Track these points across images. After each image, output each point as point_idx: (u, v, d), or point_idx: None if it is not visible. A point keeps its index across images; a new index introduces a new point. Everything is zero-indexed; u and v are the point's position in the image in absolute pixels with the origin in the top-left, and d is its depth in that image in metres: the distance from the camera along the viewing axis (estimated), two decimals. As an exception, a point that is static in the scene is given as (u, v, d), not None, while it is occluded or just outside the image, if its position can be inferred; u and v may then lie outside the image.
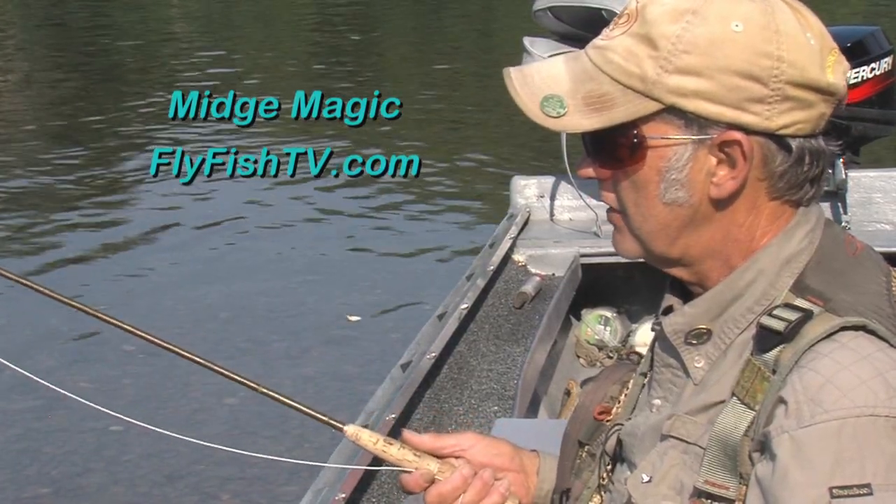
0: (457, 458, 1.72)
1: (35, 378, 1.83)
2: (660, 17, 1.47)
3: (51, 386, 1.84)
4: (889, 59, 4.88)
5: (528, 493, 1.78)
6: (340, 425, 1.72)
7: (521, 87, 1.51)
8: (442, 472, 1.70)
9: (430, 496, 1.70)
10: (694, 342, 1.56)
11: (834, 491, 1.37)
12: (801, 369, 1.43)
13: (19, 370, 1.82)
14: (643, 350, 1.79)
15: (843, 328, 1.44)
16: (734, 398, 1.48)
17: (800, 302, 1.49)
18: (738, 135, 1.48)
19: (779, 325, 1.46)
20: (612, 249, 5.11)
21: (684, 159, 1.50)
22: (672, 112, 1.48)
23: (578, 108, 1.49)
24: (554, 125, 1.49)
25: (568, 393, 4.52)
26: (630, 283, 5.08)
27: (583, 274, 4.95)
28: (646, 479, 1.54)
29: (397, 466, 1.70)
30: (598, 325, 4.97)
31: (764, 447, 1.43)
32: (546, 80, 1.51)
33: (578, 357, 4.90)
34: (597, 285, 5.00)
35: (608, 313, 5.00)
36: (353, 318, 7.28)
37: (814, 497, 1.37)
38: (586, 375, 4.73)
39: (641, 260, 1.64)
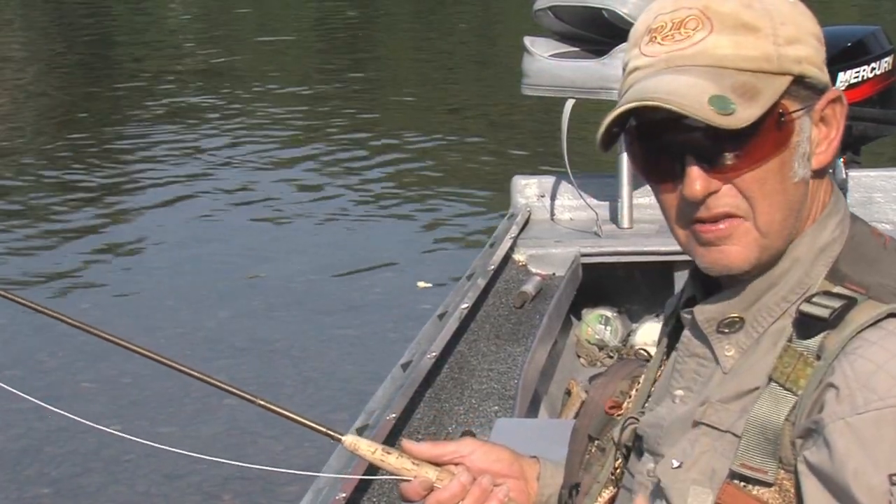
0: (456, 464, 1.72)
1: (16, 392, 1.82)
2: (735, 9, 1.50)
3: (37, 402, 1.84)
4: (889, 59, 4.88)
5: (528, 498, 1.77)
6: (339, 436, 1.71)
7: (680, 98, 1.46)
8: (441, 479, 1.69)
9: None
10: (726, 331, 1.56)
11: (894, 478, 1.38)
12: (849, 356, 1.44)
13: (3, 385, 1.82)
14: (644, 349, 1.79)
15: (890, 315, 1.45)
16: (773, 384, 1.48)
17: (839, 289, 1.50)
18: (839, 91, 1.53)
19: (822, 312, 1.47)
20: (612, 249, 5.12)
21: (807, 129, 1.53)
22: (795, 83, 1.50)
23: (737, 101, 1.46)
24: (730, 122, 1.45)
25: (568, 393, 4.53)
26: (630, 283, 5.08)
27: (583, 273, 4.95)
28: (676, 464, 1.54)
29: (396, 475, 1.69)
30: (598, 324, 4.97)
31: (813, 434, 1.44)
32: (693, 88, 1.47)
33: (579, 357, 4.90)
34: (597, 285, 5.00)
35: (609, 313, 5.00)
36: (423, 285, 7.24)
37: (874, 483, 1.38)
38: (587, 375, 4.73)
39: (646, 260, 1.63)
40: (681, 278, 4.77)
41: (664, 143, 1.51)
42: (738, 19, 1.49)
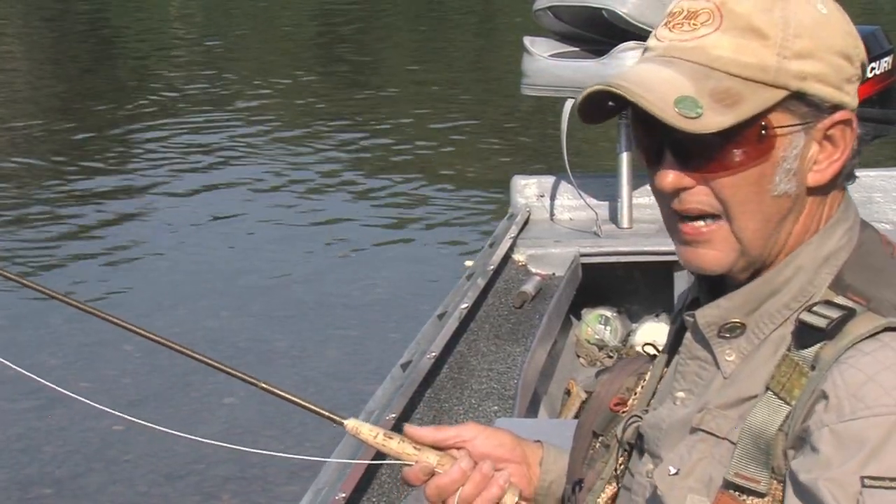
0: (458, 448, 1.72)
1: (37, 378, 1.83)
2: (752, 9, 1.47)
3: (54, 386, 1.84)
4: (889, 59, 4.88)
5: (529, 483, 1.77)
6: (341, 420, 1.72)
7: (646, 93, 1.45)
8: (442, 464, 1.69)
9: (429, 489, 1.69)
10: (727, 335, 1.55)
11: (866, 480, 1.38)
12: (841, 365, 1.43)
13: (21, 370, 1.82)
14: (651, 345, 1.79)
15: (887, 328, 1.44)
16: (769, 392, 1.48)
17: (840, 300, 1.49)
18: (850, 114, 1.50)
19: (820, 322, 1.46)
20: (612, 249, 5.12)
21: (799, 147, 1.49)
22: (794, 98, 1.47)
23: (710, 106, 1.44)
24: (693, 126, 1.43)
25: (568, 392, 4.53)
26: (630, 283, 5.09)
27: (583, 273, 4.95)
28: (673, 471, 1.54)
29: (397, 460, 1.70)
30: (598, 324, 4.97)
31: (802, 443, 1.44)
32: (666, 84, 1.46)
33: (579, 357, 4.90)
34: (597, 285, 5.00)
35: (608, 313, 5.00)
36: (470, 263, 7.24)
37: (846, 483, 1.38)
38: (587, 375, 4.74)
39: (646, 260, 1.63)
40: (680, 278, 4.76)
41: (653, 131, 1.51)
42: (749, 22, 1.47)
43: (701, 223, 1.51)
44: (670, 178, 1.50)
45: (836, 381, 1.42)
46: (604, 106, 1.53)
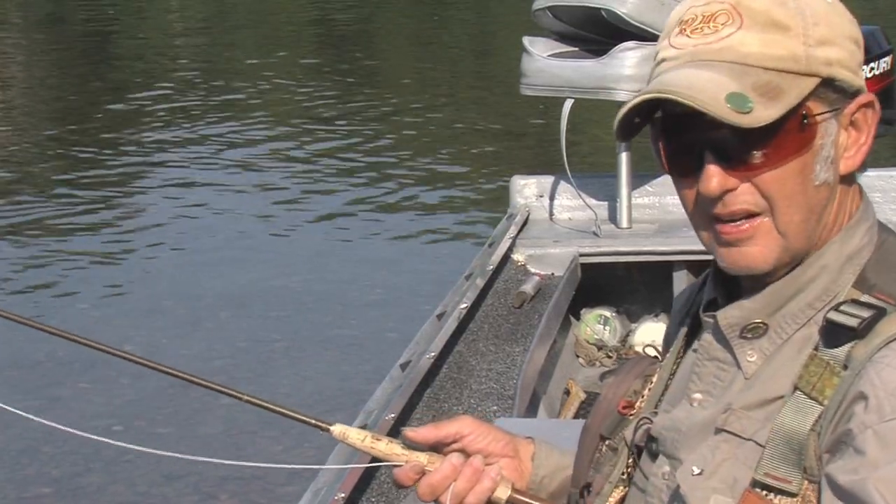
0: (455, 442, 1.71)
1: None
2: (767, 6, 1.49)
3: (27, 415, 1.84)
4: (888, 59, 4.88)
5: (521, 477, 1.76)
6: (327, 426, 1.71)
7: (697, 94, 1.45)
8: (432, 462, 1.69)
9: (421, 488, 1.69)
10: (749, 336, 1.55)
11: None
12: (877, 365, 1.43)
13: None
14: (652, 346, 1.79)
15: None
16: (798, 392, 1.47)
17: (867, 298, 1.49)
18: (872, 96, 1.52)
19: (851, 322, 1.46)
20: (611, 249, 5.11)
21: (833, 133, 1.51)
22: (824, 85, 1.49)
23: (757, 100, 1.45)
24: (747, 121, 1.43)
25: (567, 392, 4.53)
26: (629, 283, 5.09)
27: (582, 273, 4.95)
28: (696, 471, 1.53)
29: (386, 461, 1.70)
30: (597, 324, 4.97)
31: (841, 446, 1.43)
32: (712, 84, 1.46)
33: (578, 356, 4.90)
34: (596, 285, 5.00)
35: (607, 313, 5.00)
36: None
37: (894, 481, 1.38)
38: (586, 375, 4.74)
39: (645, 260, 1.62)
40: (679, 278, 4.77)
41: (685, 138, 1.50)
42: (769, 17, 1.48)
43: (742, 221, 1.51)
44: (715, 181, 1.49)
45: (874, 381, 1.42)
46: (631, 121, 1.53)
